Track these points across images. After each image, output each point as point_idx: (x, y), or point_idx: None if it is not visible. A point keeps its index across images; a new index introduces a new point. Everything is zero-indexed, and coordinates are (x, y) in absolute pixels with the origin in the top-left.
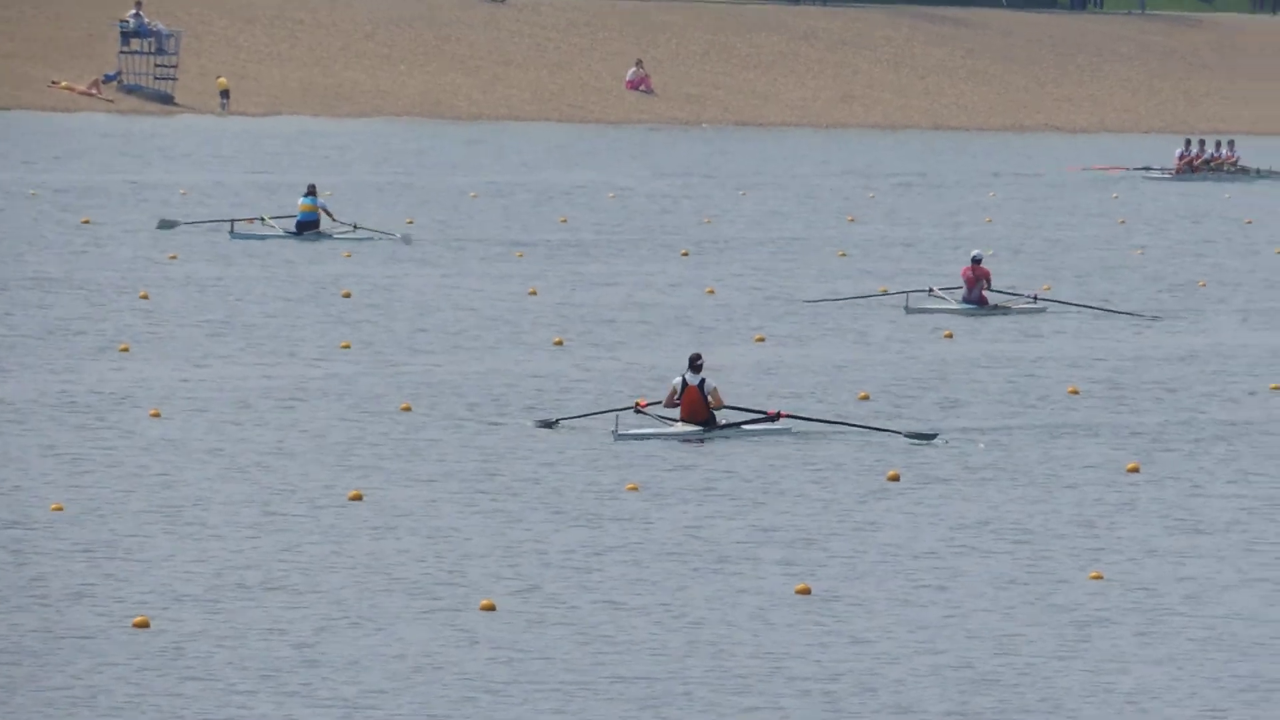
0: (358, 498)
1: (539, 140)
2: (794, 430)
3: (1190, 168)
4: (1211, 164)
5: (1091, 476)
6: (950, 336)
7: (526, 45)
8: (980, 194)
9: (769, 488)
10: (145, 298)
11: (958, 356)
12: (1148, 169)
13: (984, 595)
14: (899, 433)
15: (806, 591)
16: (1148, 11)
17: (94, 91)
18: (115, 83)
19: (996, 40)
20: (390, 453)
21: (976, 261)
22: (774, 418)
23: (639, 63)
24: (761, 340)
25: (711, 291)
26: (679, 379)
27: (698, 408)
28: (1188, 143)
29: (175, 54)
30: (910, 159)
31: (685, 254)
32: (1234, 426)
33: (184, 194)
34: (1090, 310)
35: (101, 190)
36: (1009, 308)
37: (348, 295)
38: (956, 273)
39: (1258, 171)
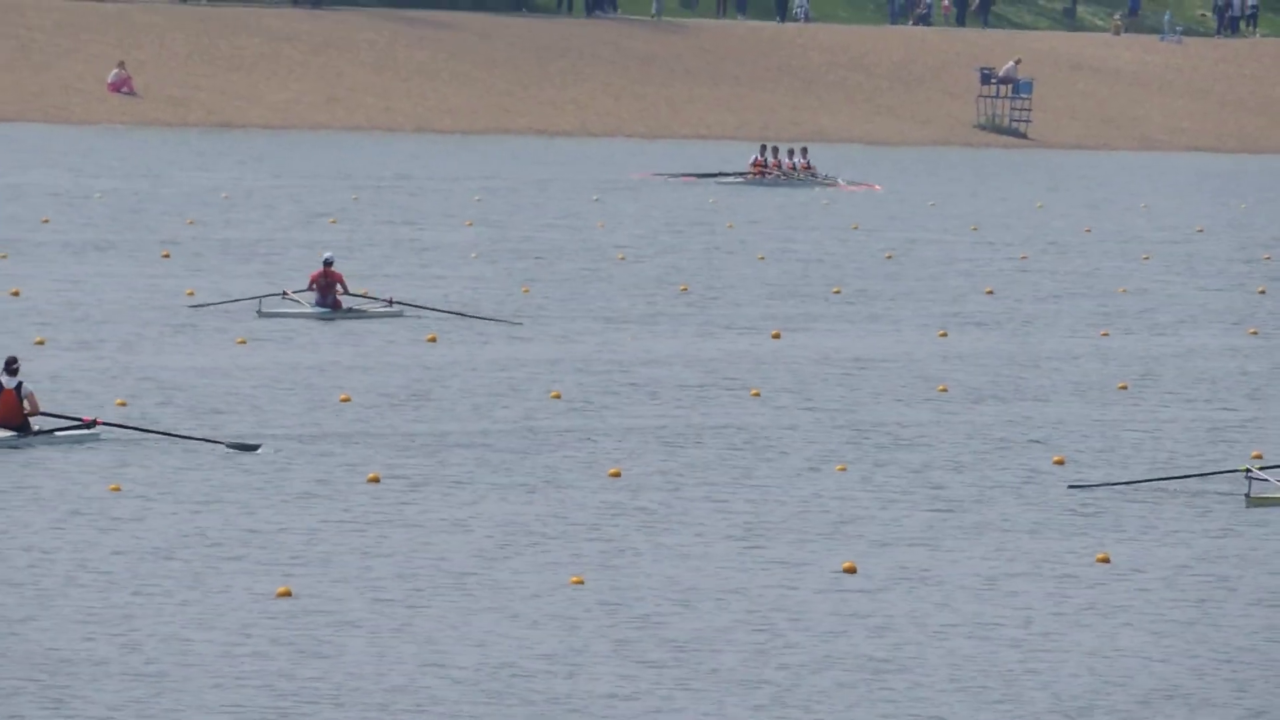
0: None
1: (21, 141)
2: (106, 437)
3: (763, 174)
4: (785, 171)
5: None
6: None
7: (10, 46)
8: (465, 197)
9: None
10: None
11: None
12: (721, 174)
13: (464, 597)
14: (220, 443)
15: (288, 594)
16: (627, 16)
17: None
18: None
19: (477, 43)
20: None
21: (328, 264)
22: (90, 425)
23: (121, 64)
24: (242, 342)
25: (192, 293)
26: None
27: (12, 413)
28: (763, 149)
29: None
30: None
31: (166, 255)
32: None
33: None
34: (451, 315)
35: None
36: (365, 311)
37: None
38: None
39: (826, 177)
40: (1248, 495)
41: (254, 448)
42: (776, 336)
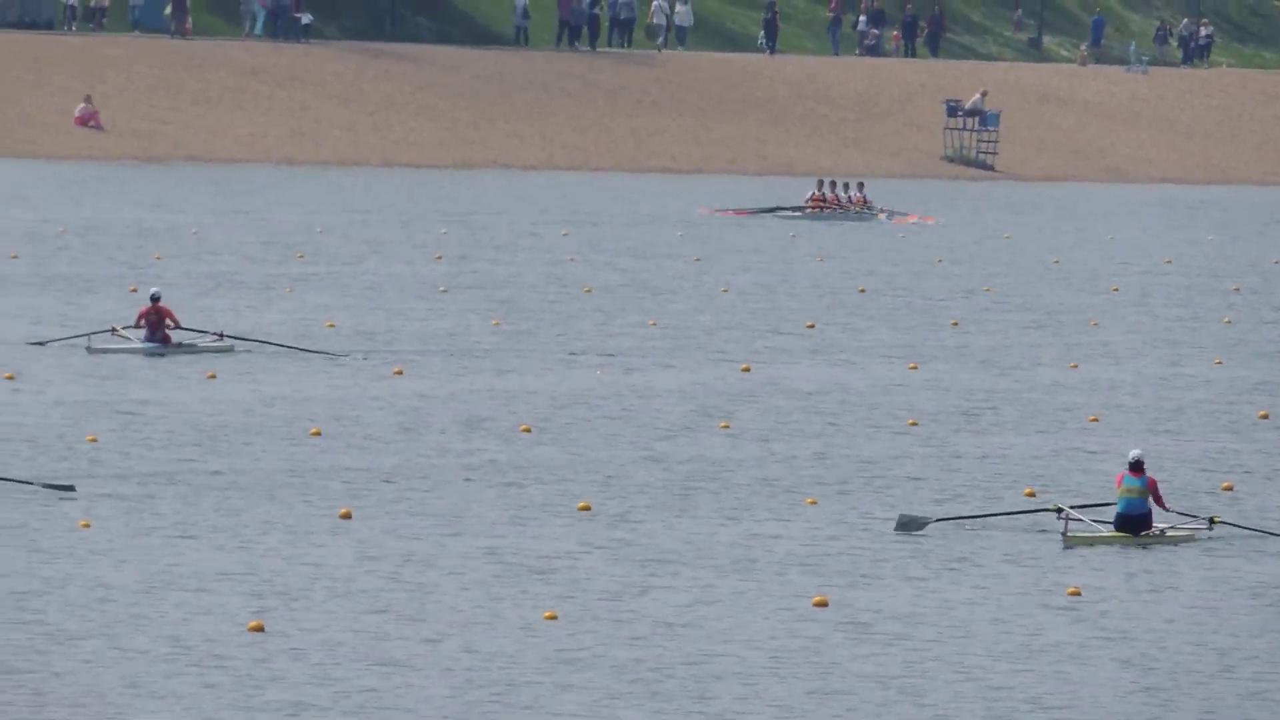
0: None
1: None
2: None
3: (821, 208)
4: (843, 204)
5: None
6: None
7: None
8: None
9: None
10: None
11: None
12: (778, 209)
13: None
14: (32, 483)
15: (260, 628)
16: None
17: None
18: None
19: (443, 76)
20: None
21: (155, 299)
22: None
23: (87, 98)
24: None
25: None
26: None
27: None
28: (820, 183)
29: None
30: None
31: (134, 290)
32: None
33: None
34: (283, 349)
35: None
36: (195, 345)
37: None
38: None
39: (888, 213)
40: (1064, 534)
41: (69, 488)
42: (747, 370)
